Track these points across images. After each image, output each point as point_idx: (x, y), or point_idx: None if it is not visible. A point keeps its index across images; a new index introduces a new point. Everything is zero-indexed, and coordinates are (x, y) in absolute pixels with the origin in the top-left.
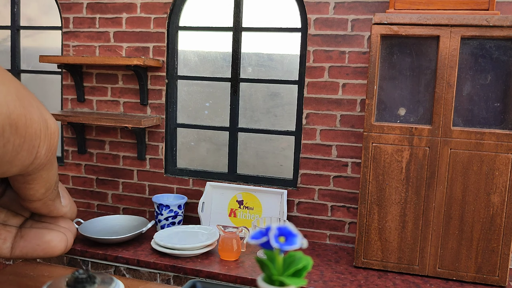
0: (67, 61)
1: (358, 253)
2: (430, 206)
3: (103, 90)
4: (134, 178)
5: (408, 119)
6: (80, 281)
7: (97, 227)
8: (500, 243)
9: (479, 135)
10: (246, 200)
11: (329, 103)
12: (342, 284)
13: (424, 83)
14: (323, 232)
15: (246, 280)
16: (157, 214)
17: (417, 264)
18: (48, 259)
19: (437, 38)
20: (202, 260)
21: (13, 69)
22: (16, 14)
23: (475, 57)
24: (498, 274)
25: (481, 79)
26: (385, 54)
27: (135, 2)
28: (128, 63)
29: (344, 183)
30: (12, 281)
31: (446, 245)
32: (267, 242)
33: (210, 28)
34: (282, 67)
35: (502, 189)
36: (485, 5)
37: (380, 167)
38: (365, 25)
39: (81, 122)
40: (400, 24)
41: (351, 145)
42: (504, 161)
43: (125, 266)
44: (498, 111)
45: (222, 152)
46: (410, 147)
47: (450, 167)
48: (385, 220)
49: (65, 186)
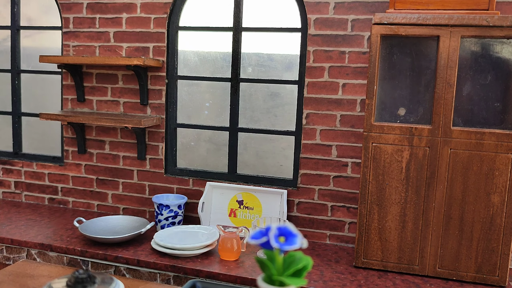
0: (67, 61)
1: (358, 253)
2: (430, 206)
3: (103, 90)
4: (134, 178)
5: (408, 119)
6: (80, 281)
7: (97, 227)
8: (500, 243)
9: (479, 135)
10: (246, 200)
11: (329, 103)
12: (342, 284)
13: (424, 83)
14: (323, 232)
15: (246, 280)
16: (157, 214)
17: (417, 264)
18: (48, 259)
19: (437, 38)
20: (202, 260)
21: (13, 69)
22: (16, 14)
23: (475, 57)
24: (498, 274)
25: (481, 79)
26: (385, 54)
27: (135, 2)
28: (128, 63)
29: (344, 183)
30: (12, 281)
31: (446, 245)
32: (267, 242)
33: (210, 28)
34: (282, 67)
35: (502, 189)
36: (485, 5)
37: (380, 167)
38: (365, 25)
39: (81, 122)
40: (400, 24)
41: (351, 145)
42: (504, 161)
43: (125, 266)
44: (498, 111)
45: (222, 152)
46: (410, 147)
47: (450, 167)
48: (385, 220)
49: (65, 186)
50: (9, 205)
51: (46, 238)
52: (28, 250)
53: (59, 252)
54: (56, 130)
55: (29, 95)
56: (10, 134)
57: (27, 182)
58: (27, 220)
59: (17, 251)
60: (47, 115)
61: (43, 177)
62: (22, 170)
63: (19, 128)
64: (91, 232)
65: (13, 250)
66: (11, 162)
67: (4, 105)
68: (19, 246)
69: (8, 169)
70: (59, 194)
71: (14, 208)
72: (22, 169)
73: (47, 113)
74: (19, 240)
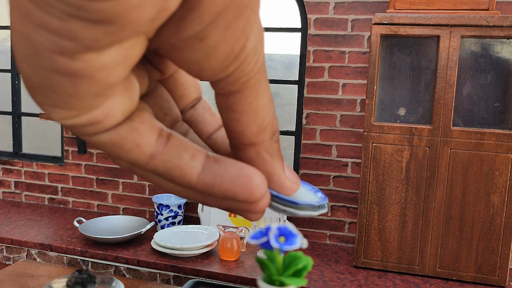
0: None
1: (358, 253)
2: (430, 206)
3: None
4: (134, 178)
5: (408, 119)
6: (80, 281)
7: (97, 227)
8: (500, 243)
9: (479, 135)
10: None
11: (329, 103)
12: (342, 284)
13: (424, 83)
14: (323, 232)
15: (246, 280)
16: (157, 214)
17: (417, 264)
18: (48, 259)
19: (437, 38)
20: (202, 260)
21: (13, 69)
22: None
23: (475, 57)
24: (498, 274)
25: (481, 79)
26: (385, 54)
27: None
28: None
29: (344, 183)
30: (12, 281)
31: (446, 245)
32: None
33: None
34: (282, 67)
35: (502, 189)
36: (485, 5)
37: (380, 167)
38: (365, 25)
39: None
40: (400, 24)
41: (351, 145)
42: (504, 161)
43: (125, 266)
44: (498, 111)
45: None
46: (410, 147)
47: (450, 167)
48: (385, 220)
49: (65, 186)
50: (9, 205)
51: (46, 238)
52: (28, 250)
53: (59, 252)
54: (56, 130)
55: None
56: (10, 134)
57: (27, 182)
58: (27, 220)
59: (17, 251)
60: (47, 115)
61: (43, 177)
62: (22, 170)
63: (19, 128)
64: (91, 232)
65: (13, 250)
66: (11, 162)
67: (4, 105)
68: (19, 246)
69: (8, 169)
70: (59, 194)
71: (14, 208)
72: (22, 169)
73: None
74: (19, 240)
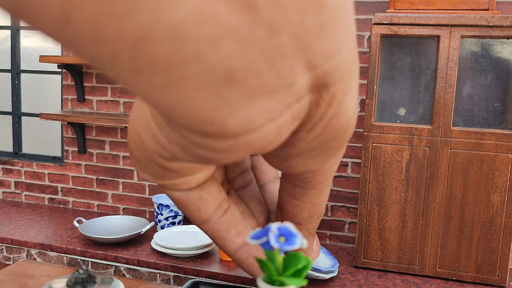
0: (67, 61)
1: (358, 253)
2: (430, 206)
3: (103, 90)
4: (134, 178)
5: (408, 119)
6: (80, 281)
7: (97, 227)
8: (500, 243)
9: (479, 135)
10: None
11: None
12: (342, 284)
13: (424, 83)
14: (323, 232)
15: (246, 280)
16: (157, 214)
17: (417, 264)
18: (48, 259)
19: (437, 38)
20: (202, 260)
21: (13, 69)
22: None
23: (475, 57)
24: (498, 274)
25: (481, 79)
26: (385, 54)
27: None
28: None
29: (344, 183)
30: (12, 281)
31: (446, 245)
32: (267, 242)
33: None
34: None
35: (502, 189)
36: (485, 5)
37: (380, 167)
38: (365, 25)
39: (81, 122)
40: (400, 24)
41: (351, 145)
42: (504, 161)
43: (125, 266)
44: (498, 111)
45: None
46: (410, 147)
47: (450, 167)
48: (385, 220)
49: (65, 186)
50: (9, 205)
51: (46, 238)
52: (28, 250)
53: (59, 252)
54: (56, 130)
55: (29, 95)
56: (10, 134)
57: (27, 182)
58: (27, 220)
59: (17, 251)
60: (47, 115)
61: (43, 177)
62: (22, 170)
63: (19, 128)
64: (91, 232)
65: (13, 250)
66: (11, 162)
67: (4, 105)
68: (19, 246)
69: (8, 169)
70: (59, 194)
71: (14, 208)
72: (22, 169)
73: (47, 113)
74: (19, 240)
